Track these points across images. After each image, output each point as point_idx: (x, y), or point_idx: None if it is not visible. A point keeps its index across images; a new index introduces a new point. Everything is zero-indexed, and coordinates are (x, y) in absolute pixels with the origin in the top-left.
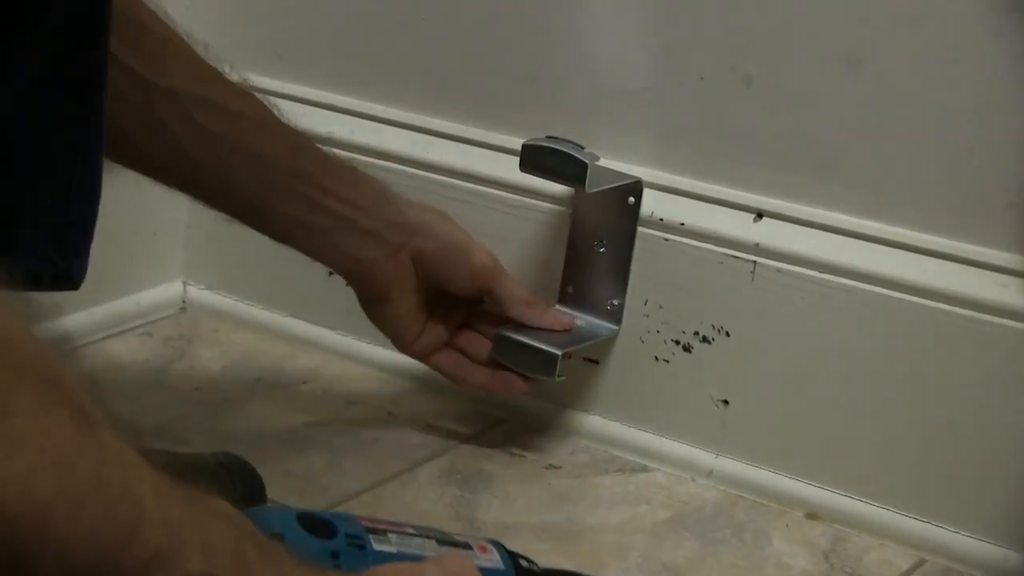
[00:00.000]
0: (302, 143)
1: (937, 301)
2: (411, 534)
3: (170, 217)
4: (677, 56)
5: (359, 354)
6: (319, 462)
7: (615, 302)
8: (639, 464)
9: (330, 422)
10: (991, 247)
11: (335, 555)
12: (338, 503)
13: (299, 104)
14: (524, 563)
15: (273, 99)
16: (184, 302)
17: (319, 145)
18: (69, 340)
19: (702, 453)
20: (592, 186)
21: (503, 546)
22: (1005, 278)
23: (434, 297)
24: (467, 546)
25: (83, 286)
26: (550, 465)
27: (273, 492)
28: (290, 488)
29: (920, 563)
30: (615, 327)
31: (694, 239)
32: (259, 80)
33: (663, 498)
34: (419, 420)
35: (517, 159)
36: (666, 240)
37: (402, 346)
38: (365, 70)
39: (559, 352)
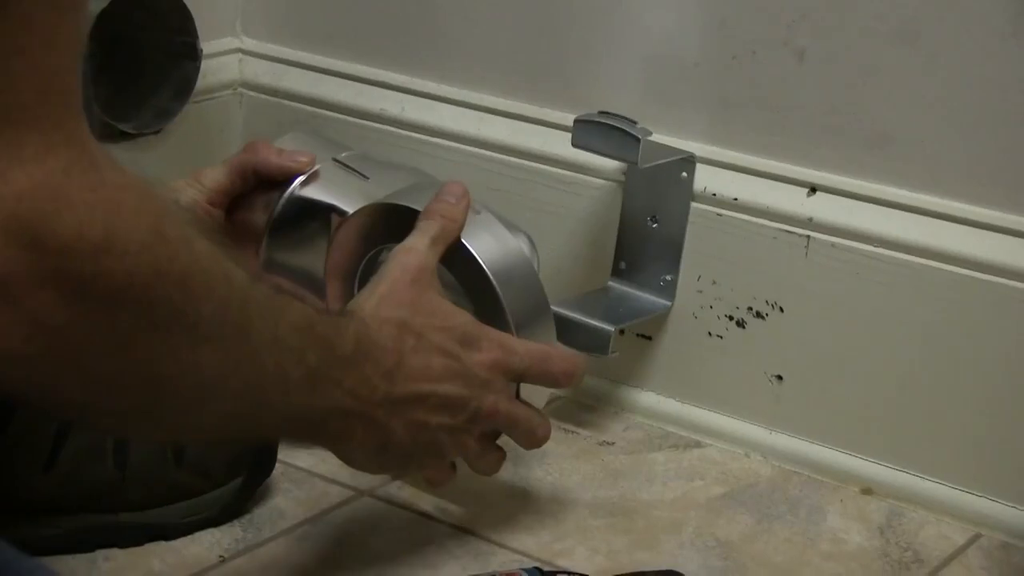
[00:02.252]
0: None
1: (994, 275)
2: None
3: None
4: (729, 30)
5: None
6: None
7: (668, 278)
8: (693, 440)
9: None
10: None
11: None
12: (392, 480)
13: (352, 82)
14: None
15: (326, 76)
16: None
17: None
18: None
19: (756, 429)
20: (645, 161)
21: (540, 569)
22: None
23: None
24: None
25: None
26: (604, 442)
27: (327, 469)
28: (341, 468)
29: (976, 538)
30: (668, 303)
31: (747, 214)
32: (312, 59)
33: (717, 474)
34: None
35: (569, 135)
36: (719, 215)
37: None
38: (417, 47)
39: (612, 328)
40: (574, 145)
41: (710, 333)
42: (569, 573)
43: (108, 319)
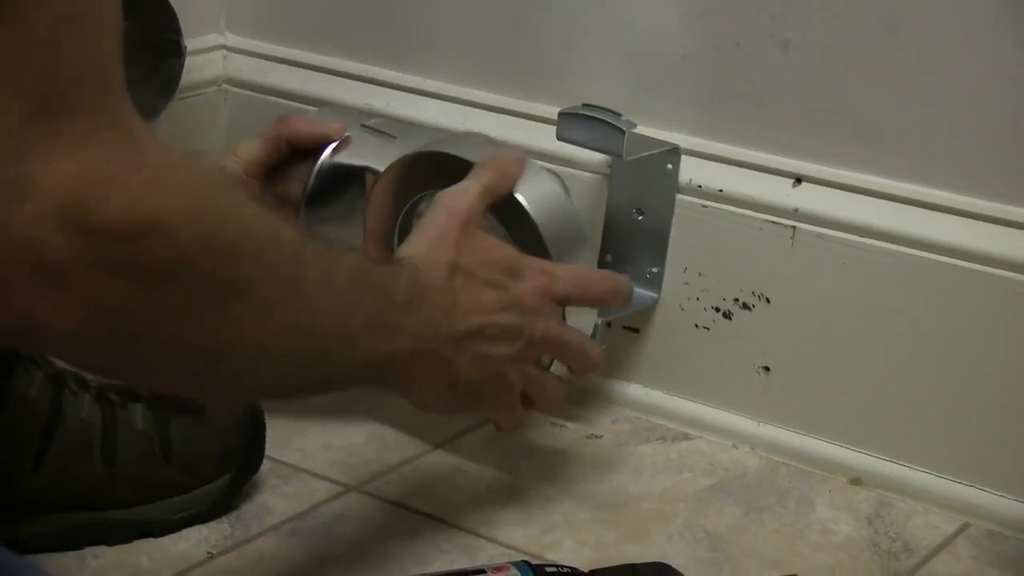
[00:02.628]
0: None
1: (979, 264)
2: None
3: None
4: (713, 22)
5: None
6: (361, 435)
7: (654, 270)
8: (680, 432)
9: (372, 394)
10: None
11: None
12: (380, 475)
13: (337, 77)
14: (551, 570)
15: (311, 72)
16: None
17: None
18: None
19: (744, 420)
20: (629, 154)
21: (528, 563)
22: None
23: None
24: (481, 571)
25: None
26: (592, 435)
27: (315, 465)
28: (332, 460)
29: (965, 527)
30: (654, 295)
31: (733, 205)
32: (296, 54)
33: (705, 466)
34: None
35: (554, 128)
36: (704, 207)
37: None
38: (402, 42)
39: (598, 320)
40: (559, 138)
41: (697, 325)
42: (558, 566)
43: (161, 295)
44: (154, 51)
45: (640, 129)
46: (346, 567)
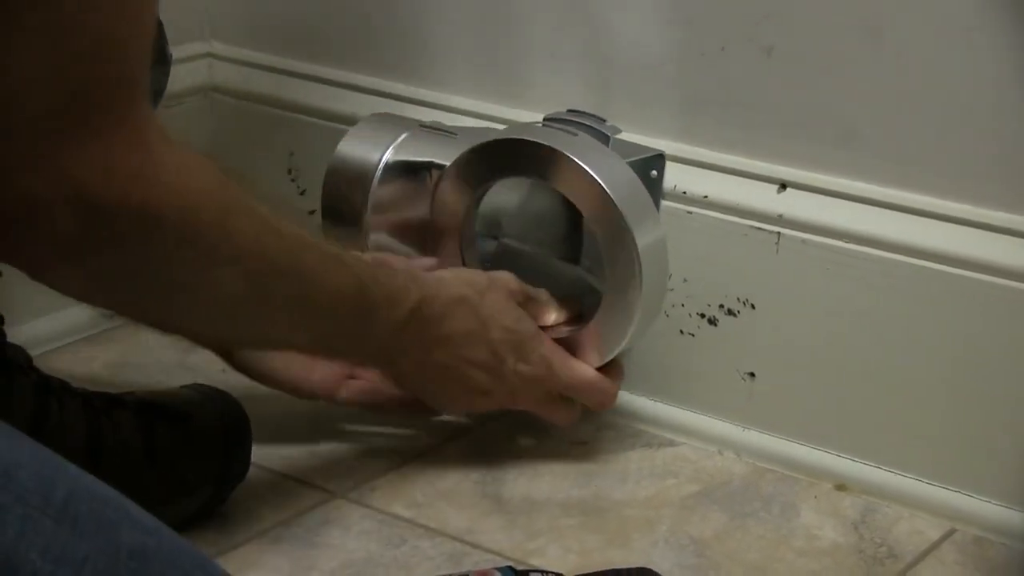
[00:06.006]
0: None
1: (963, 268)
2: None
3: None
4: (698, 28)
5: None
6: (346, 442)
7: None
8: (666, 439)
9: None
10: (1017, 213)
11: None
12: (365, 483)
13: (322, 85)
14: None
15: (296, 80)
16: None
17: None
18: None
19: (729, 426)
20: None
21: (513, 569)
22: None
23: None
24: None
25: None
26: (576, 441)
27: (300, 472)
28: (317, 467)
29: (951, 532)
30: None
31: (717, 211)
32: (282, 62)
33: (690, 472)
34: None
35: None
36: (689, 213)
37: (294, 387)
38: (386, 50)
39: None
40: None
41: (682, 331)
42: (543, 572)
43: (138, 268)
44: None
45: (624, 135)
46: (331, 574)
